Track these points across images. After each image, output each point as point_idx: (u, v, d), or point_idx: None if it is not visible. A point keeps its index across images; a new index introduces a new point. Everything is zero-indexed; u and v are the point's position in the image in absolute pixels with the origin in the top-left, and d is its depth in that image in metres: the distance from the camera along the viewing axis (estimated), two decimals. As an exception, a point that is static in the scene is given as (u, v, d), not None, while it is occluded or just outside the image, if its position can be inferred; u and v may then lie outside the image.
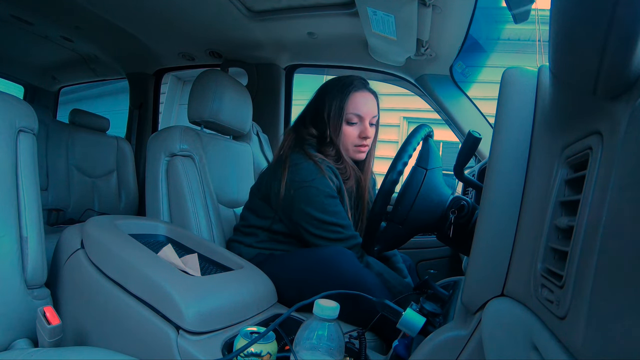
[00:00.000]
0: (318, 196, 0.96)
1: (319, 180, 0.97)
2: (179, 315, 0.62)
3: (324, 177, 0.98)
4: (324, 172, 0.98)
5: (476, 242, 0.49)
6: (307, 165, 0.99)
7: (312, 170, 0.98)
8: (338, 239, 0.96)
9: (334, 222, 0.96)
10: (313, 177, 0.97)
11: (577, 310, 0.28)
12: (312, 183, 0.96)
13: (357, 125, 1.06)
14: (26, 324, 0.66)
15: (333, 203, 0.98)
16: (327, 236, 0.96)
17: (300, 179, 0.97)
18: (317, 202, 0.96)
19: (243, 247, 1.06)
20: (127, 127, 2.43)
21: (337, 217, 0.97)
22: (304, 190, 0.96)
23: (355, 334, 0.72)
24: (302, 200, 0.96)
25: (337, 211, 0.98)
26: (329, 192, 0.97)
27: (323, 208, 0.96)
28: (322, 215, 0.96)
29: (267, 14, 1.45)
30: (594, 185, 0.29)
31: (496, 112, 0.49)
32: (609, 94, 0.28)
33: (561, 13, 0.30)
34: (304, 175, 0.98)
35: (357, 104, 1.04)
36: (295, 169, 0.99)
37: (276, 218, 1.04)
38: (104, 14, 1.66)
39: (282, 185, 0.99)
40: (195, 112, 1.24)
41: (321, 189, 0.97)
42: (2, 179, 0.67)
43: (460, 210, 0.71)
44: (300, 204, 0.97)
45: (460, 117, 1.46)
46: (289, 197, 0.98)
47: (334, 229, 0.96)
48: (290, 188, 0.98)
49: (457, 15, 1.15)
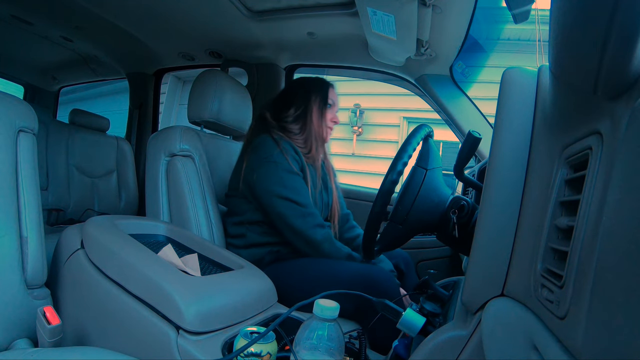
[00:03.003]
0: (277, 170, 1.01)
1: (277, 155, 1.02)
2: (179, 315, 0.62)
3: (281, 153, 1.02)
4: (283, 148, 1.03)
5: (476, 242, 0.49)
6: (265, 143, 1.05)
7: (270, 147, 1.04)
8: (297, 215, 0.99)
9: (292, 199, 0.99)
10: (271, 152, 1.02)
11: (577, 310, 0.28)
12: (270, 158, 1.02)
13: (331, 110, 1.21)
14: (26, 324, 0.66)
15: (292, 178, 1.02)
16: (287, 212, 0.99)
17: (259, 157, 1.03)
18: (276, 176, 1.00)
19: (240, 250, 1.07)
20: (127, 127, 2.42)
21: (296, 193, 1.00)
22: (264, 168, 1.02)
23: (355, 334, 0.72)
24: (263, 176, 1.01)
25: (297, 187, 1.02)
26: (287, 167, 1.01)
27: (282, 183, 1.00)
28: (281, 190, 0.99)
29: (267, 14, 1.44)
30: (594, 185, 0.29)
31: (496, 112, 0.49)
32: (609, 94, 0.28)
33: (561, 13, 0.30)
34: (262, 152, 1.03)
35: (333, 95, 1.22)
36: (256, 149, 1.05)
37: (252, 208, 1.07)
38: (103, 14, 1.65)
39: (246, 167, 1.05)
40: (195, 112, 1.24)
41: (279, 162, 1.01)
42: (2, 179, 0.67)
43: (460, 210, 0.71)
44: (261, 182, 1.01)
45: (460, 117, 1.46)
46: (253, 177, 1.03)
47: (293, 206, 0.99)
48: (252, 168, 1.03)
49: (457, 15, 1.15)
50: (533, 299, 0.38)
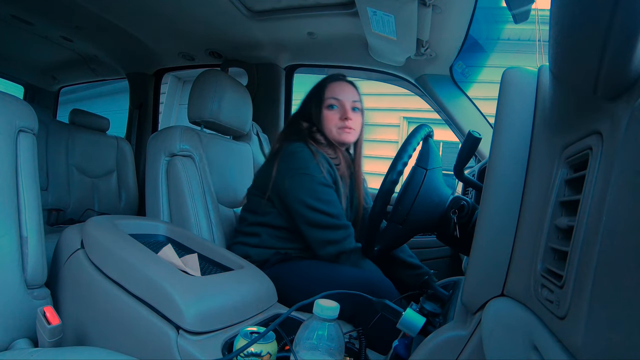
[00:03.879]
0: (312, 183, 0.98)
1: (313, 168, 1.00)
2: (179, 315, 0.62)
3: (318, 166, 1.00)
4: (319, 161, 1.01)
5: (476, 242, 0.49)
6: (302, 153, 1.02)
7: (307, 158, 1.01)
8: (328, 226, 0.97)
9: (325, 211, 0.97)
10: (307, 164, 1.00)
11: (577, 310, 0.28)
12: (307, 170, 0.99)
13: (337, 109, 1.11)
14: (26, 324, 0.66)
15: (326, 191, 1.00)
16: (319, 223, 0.97)
17: (295, 167, 1.00)
18: (310, 189, 0.98)
19: (250, 249, 1.05)
20: (127, 127, 2.43)
21: (330, 205, 0.98)
22: (298, 178, 0.99)
23: (355, 334, 0.72)
24: (296, 187, 0.99)
25: (330, 200, 1.00)
26: (322, 180, 1.00)
27: (316, 195, 0.98)
28: (314, 203, 0.97)
29: (267, 14, 1.44)
30: (594, 185, 0.29)
31: (496, 112, 0.49)
32: (609, 94, 0.28)
33: (561, 13, 0.30)
34: (298, 163, 1.01)
35: (334, 90, 1.12)
36: (291, 157, 1.02)
37: (275, 212, 1.05)
38: (104, 14, 1.65)
39: (278, 174, 1.02)
40: (195, 112, 1.24)
41: (315, 176, 0.99)
42: (2, 179, 0.67)
43: (460, 210, 0.71)
44: (294, 191, 0.99)
45: (460, 117, 1.46)
46: (285, 185, 1.00)
47: (325, 218, 0.97)
48: (285, 176, 1.01)
49: (457, 15, 1.15)
50: (533, 299, 0.38)
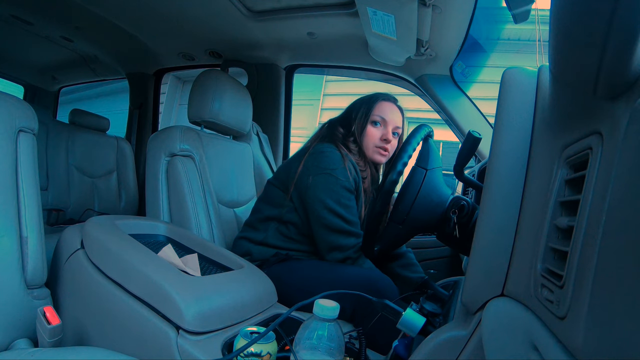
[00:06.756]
0: (335, 185, 0.99)
1: (340, 171, 1.00)
2: (179, 315, 0.62)
3: (345, 170, 1.01)
4: (347, 165, 1.02)
5: (476, 242, 0.49)
6: (332, 154, 1.02)
7: (335, 160, 1.01)
8: (342, 230, 0.97)
9: (342, 215, 0.98)
10: (335, 166, 1.00)
11: (577, 310, 0.28)
12: (333, 172, 1.00)
13: (380, 128, 1.12)
14: (26, 324, 0.66)
15: (348, 196, 1.00)
16: (333, 226, 0.98)
17: (322, 166, 1.01)
18: (332, 191, 0.98)
19: (253, 246, 1.05)
20: (127, 127, 2.43)
21: (348, 211, 0.99)
22: (323, 177, 0.99)
23: (355, 334, 0.72)
24: (319, 186, 0.99)
25: (350, 205, 1.00)
26: (346, 184, 1.00)
27: (337, 198, 0.98)
28: (333, 205, 0.98)
29: (267, 14, 1.44)
30: (594, 185, 0.29)
31: (496, 112, 0.49)
32: (609, 94, 0.28)
33: (561, 13, 0.30)
34: (327, 162, 1.01)
35: (383, 109, 1.12)
36: (320, 156, 1.02)
37: (291, 207, 1.05)
38: (104, 14, 1.65)
39: (304, 169, 1.03)
40: (195, 112, 1.24)
41: (340, 179, 0.99)
42: (2, 179, 0.67)
43: (460, 210, 0.71)
44: (316, 190, 0.99)
45: (460, 117, 1.46)
46: (308, 182, 1.01)
47: (340, 222, 0.97)
48: (310, 173, 1.01)
49: (457, 15, 1.15)
50: (533, 299, 0.38)
